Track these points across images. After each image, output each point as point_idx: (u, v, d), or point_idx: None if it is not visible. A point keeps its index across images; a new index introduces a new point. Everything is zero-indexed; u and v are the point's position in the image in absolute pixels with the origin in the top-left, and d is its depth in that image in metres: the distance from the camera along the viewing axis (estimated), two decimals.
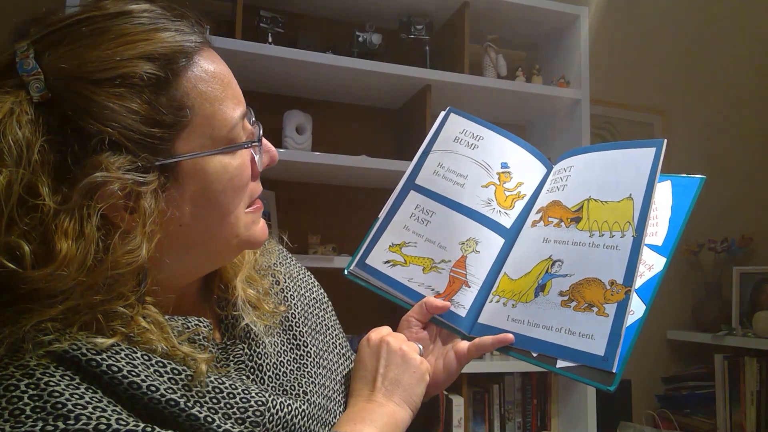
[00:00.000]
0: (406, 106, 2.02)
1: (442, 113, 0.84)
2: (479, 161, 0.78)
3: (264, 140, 0.62)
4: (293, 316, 0.71)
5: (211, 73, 0.56)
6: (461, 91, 1.90)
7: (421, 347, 0.72)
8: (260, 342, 0.63)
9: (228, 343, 0.62)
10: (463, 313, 0.73)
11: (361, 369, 0.69)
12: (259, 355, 0.62)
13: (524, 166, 0.79)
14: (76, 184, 0.47)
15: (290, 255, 0.80)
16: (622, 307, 0.63)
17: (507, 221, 0.77)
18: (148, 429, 0.47)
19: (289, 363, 0.65)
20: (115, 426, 0.46)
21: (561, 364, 0.64)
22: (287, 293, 0.72)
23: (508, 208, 0.77)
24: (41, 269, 0.46)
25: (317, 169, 1.75)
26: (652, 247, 0.69)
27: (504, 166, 0.78)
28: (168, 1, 0.57)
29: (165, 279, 0.56)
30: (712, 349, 2.22)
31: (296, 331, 0.69)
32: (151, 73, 0.51)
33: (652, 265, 0.68)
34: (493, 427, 1.91)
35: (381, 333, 0.70)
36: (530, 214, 0.77)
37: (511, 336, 0.68)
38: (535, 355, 0.66)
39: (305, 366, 0.67)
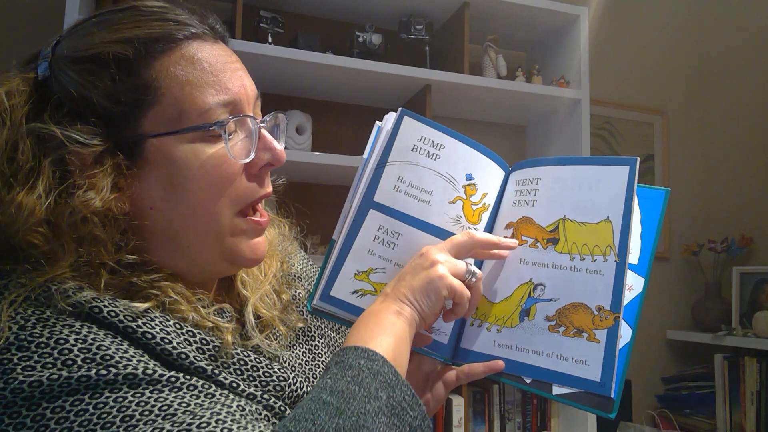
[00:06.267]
0: (406, 106, 2.01)
1: (393, 117, 0.73)
2: (443, 174, 0.71)
3: (268, 137, 0.62)
4: (304, 312, 0.74)
5: (191, 59, 0.56)
6: (461, 91, 1.90)
7: (471, 264, 0.66)
8: (276, 333, 0.67)
9: (245, 333, 0.65)
10: (445, 340, 0.71)
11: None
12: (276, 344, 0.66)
13: (487, 175, 0.74)
14: (39, 142, 0.53)
15: (307, 256, 0.84)
16: (613, 333, 0.63)
17: None
18: (187, 377, 0.51)
19: (304, 354, 0.70)
20: (160, 371, 0.49)
21: (557, 390, 0.64)
22: (303, 291, 0.77)
23: (475, 223, 0.72)
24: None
25: (317, 169, 1.75)
26: (629, 266, 0.67)
27: (469, 177, 0.72)
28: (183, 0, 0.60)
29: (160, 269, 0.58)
30: (712, 349, 2.22)
31: (308, 325, 0.74)
32: (119, 54, 0.54)
33: (631, 285, 0.66)
34: (493, 427, 1.91)
35: (430, 246, 0.66)
36: (497, 227, 0.74)
37: (502, 363, 0.67)
38: (528, 381, 0.65)
39: (320, 357, 0.71)
